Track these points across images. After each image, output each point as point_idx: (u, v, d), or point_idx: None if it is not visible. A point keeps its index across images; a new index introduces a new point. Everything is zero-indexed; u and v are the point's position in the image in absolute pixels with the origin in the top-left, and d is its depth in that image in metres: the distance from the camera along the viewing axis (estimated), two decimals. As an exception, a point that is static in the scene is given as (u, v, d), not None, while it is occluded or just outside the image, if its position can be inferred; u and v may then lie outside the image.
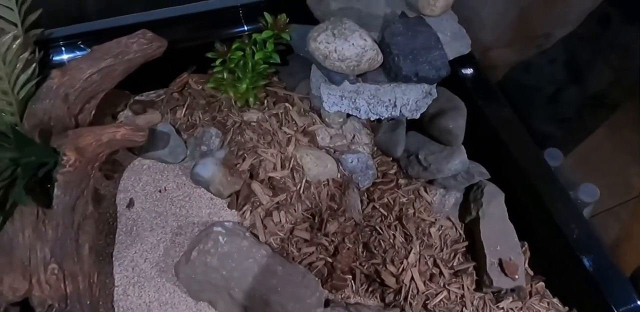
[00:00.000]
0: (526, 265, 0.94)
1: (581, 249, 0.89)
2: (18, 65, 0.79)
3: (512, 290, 0.90)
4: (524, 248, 0.95)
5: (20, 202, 0.69)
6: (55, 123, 0.79)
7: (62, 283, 0.72)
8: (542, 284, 0.93)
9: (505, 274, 0.88)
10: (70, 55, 0.88)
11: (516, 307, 0.89)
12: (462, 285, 0.89)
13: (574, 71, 1.16)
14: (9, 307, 0.70)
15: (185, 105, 0.95)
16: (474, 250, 0.93)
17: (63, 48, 0.88)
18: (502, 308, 0.88)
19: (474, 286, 0.90)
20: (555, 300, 0.92)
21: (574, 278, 0.91)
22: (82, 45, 0.88)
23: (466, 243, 0.94)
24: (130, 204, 0.86)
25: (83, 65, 0.83)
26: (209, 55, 0.90)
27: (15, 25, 0.79)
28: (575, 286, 0.91)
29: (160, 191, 0.88)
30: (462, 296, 0.88)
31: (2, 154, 0.73)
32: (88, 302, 0.73)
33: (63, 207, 0.73)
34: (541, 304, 0.90)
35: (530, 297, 0.90)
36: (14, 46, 0.78)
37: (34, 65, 0.82)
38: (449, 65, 0.87)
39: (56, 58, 0.88)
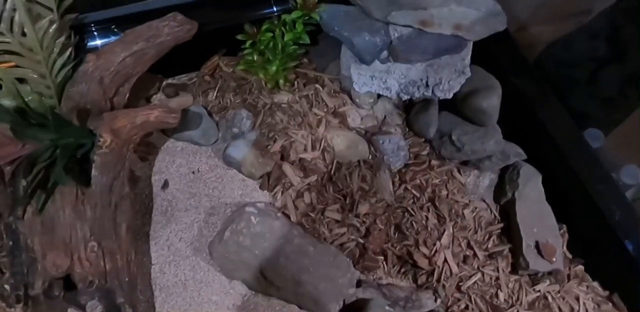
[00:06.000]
0: (564, 248, 0.92)
1: (623, 232, 0.86)
2: (55, 49, 0.81)
3: (550, 273, 0.88)
4: (562, 230, 0.93)
5: (60, 182, 0.72)
6: (91, 106, 0.81)
7: (102, 260, 0.74)
8: (581, 267, 0.91)
9: (542, 257, 0.86)
10: (104, 39, 0.89)
11: (554, 291, 0.87)
12: (497, 267, 0.87)
13: (615, 47, 1.11)
14: (54, 282, 0.72)
15: (217, 88, 0.96)
16: (510, 232, 0.91)
17: (97, 32, 0.89)
18: (539, 291, 0.86)
19: (509, 269, 0.88)
20: (595, 284, 0.90)
21: (615, 262, 0.88)
22: (115, 30, 0.89)
23: (501, 225, 0.92)
24: (165, 185, 0.88)
25: (117, 49, 0.84)
26: (239, 37, 0.90)
27: (51, 10, 0.80)
28: (616, 270, 0.88)
29: (193, 173, 0.89)
30: (497, 278, 0.86)
31: (43, 135, 0.75)
32: (126, 279, 0.75)
33: (101, 187, 0.75)
34: (580, 287, 0.88)
35: (568, 281, 0.88)
36: (51, 31, 0.80)
37: (70, 49, 0.84)
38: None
39: (91, 42, 0.89)
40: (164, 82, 0.98)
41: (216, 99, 0.95)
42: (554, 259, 0.86)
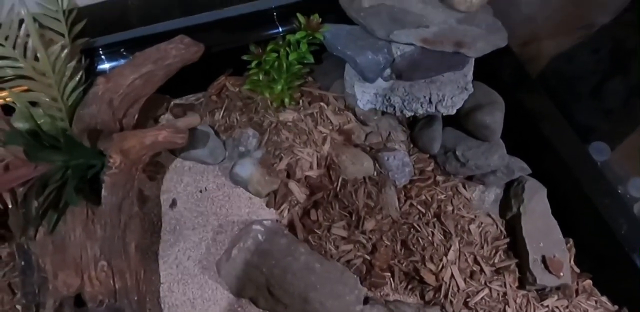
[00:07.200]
0: (572, 262, 0.92)
1: (630, 245, 0.86)
2: (66, 73, 0.84)
3: (557, 288, 0.88)
4: (568, 245, 0.93)
5: (71, 203, 0.73)
6: (101, 127, 0.83)
7: (111, 279, 0.75)
8: (589, 281, 0.90)
9: (550, 272, 0.86)
10: (114, 62, 0.92)
11: (562, 306, 0.86)
12: (504, 282, 0.87)
13: (618, 60, 1.11)
14: (64, 301, 0.73)
15: (223, 108, 0.98)
16: (516, 247, 0.91)
17: (107, 55, 0.92)
18: (547, 306, 0.86)
19: (516, 284, 0.88)
20: (604, 298, 0.89)
21: (624, 276, 0.88)
22: (124, 52, 0.92)
23: (507, 240, 0.92)
24: (173, 204, 0.89)
25: (126, 71, 0.86)
26: (245, 57, 0.92)
27: (63, 35, 0.83)
28: (625, 284, 0.88)
29: (201, 191, 0.91)
30: (505, 293, 0.86)
31: (55, 157, 0.77)
32: (136, 298, 0.76)
33: (110, 207, 0.77)
34: (588, 302, 0.88)
35: (576, 296, 0.88)
36: (62, 55, 0.83)
37: (80, 72, 0.86)
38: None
39: (100, 65, 0.92)
40: (172, 103, 1.00)
41: (223, 118, 0.97)
42: (561, 274, 0.86)
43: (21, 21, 0.80)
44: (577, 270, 0.92)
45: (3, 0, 0.79)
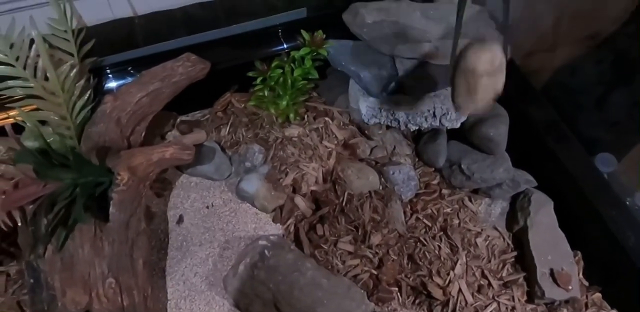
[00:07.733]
0: (580, 275, 0.91)
1: (638, 257, 0.85)
2: (75, 92, 0.85)
3: (567, 301, 0.87)
4: (577, 257, 0.92)
5: (79, 220, 0.74)
6: (109, 145, 0.84)
7: (119, 296, 0.75)
8: (598, 295, 0.89)
9: (558, 285, 0.85)
10: (121, 80, 0.93)
11: (572, 320, 0.85)
12: (513, 296, 0.86)
13: (622, 71, 1.12)
14: (73, 320, 0.74)
15: (229, 124, 0.99)
16: (524, 260, 0.90)
17: (114, 74, 0.94)
18: (557, 320, 0.85)
19: (525, 298, 0.87)
20: (614, 311, 0.88)
21: (634, 288, 0.87)
22: (131, 71, 0.93)
23: (515, 253, 0.91)
24: (180, 220, 0.90)
25: (133, 89, 0.88)
26: (250, 74, 0.93)
27: (72, 55, 0.85)
28: (635, 297, 0.87)
29: (207, 207, 0.91)
30: (513, 307, 0.86)
31: (64, 175, 0.78)
32: (143, 315, 0.77)
33: (118, 224, 0.77)
34: (599, 316, 0.87)
35: (586, 309, 0.87)
36: (72, 75, 0.84)
37: (89, 91, 0.88)
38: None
39: (108, 84, 0.93)
40: (178, 119, 1.02)
41: (229, 134, 0.98)
42: (570, 287, 0.85)
43: (31, 42, 0.82)
44: (586, 283, 0.91)
45: (14, 22, 0.81)
